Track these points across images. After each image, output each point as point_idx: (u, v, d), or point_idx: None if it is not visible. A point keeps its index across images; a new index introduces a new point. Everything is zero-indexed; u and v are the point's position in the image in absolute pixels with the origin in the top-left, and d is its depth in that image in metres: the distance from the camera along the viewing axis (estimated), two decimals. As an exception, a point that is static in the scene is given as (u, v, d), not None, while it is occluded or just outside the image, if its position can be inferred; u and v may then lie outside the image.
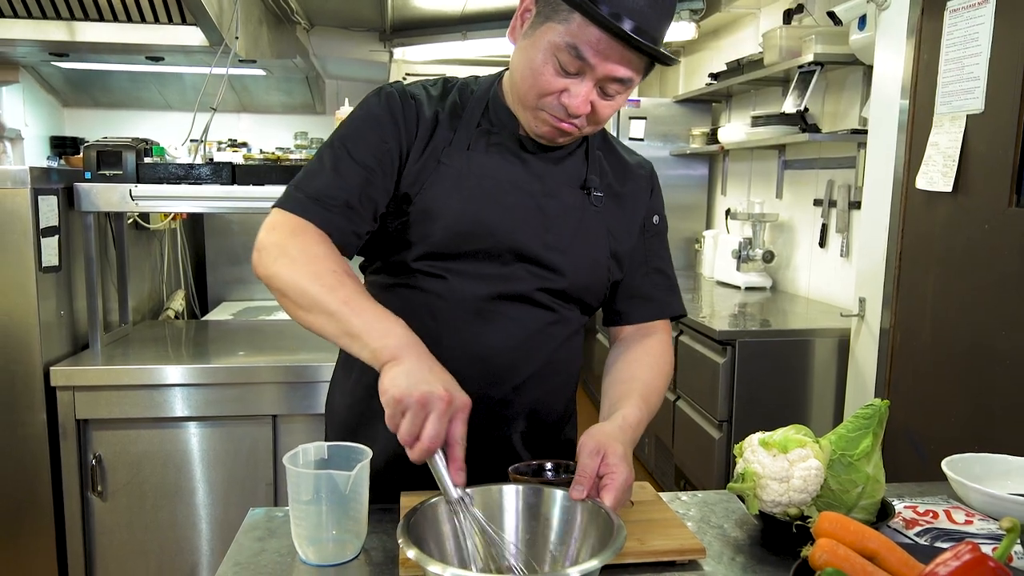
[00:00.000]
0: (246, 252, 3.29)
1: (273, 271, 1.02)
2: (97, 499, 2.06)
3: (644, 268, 1.28)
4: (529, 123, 1.10)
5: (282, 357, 2.18)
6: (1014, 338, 1.92)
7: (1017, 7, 1.90)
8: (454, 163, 1.12)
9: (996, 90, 1.96)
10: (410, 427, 0.86)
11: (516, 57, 1.09)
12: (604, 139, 1.27)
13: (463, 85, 1.19)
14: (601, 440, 0.99)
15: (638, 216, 1.26)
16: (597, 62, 1.00)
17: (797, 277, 3.61)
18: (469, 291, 1.13)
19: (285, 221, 1.06)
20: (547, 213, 1.15)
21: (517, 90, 1.09)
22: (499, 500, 0.96)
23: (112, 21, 2.69)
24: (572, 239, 1.16)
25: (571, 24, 0.99)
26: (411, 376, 0.89)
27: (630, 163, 1.27)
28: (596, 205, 1.19)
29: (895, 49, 2.35)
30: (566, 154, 1.18)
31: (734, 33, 4.36)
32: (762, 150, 3.85)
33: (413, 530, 0.85)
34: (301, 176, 1.11)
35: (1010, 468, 1.20)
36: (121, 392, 2.03)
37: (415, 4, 3.83)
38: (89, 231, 2.18)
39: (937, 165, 2.14)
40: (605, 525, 0.87)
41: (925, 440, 2.21)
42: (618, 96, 1.06)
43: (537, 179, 1.15)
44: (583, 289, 1.20)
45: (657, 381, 1.20)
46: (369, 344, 0.94)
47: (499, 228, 1.12)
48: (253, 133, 4.99)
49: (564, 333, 1.21)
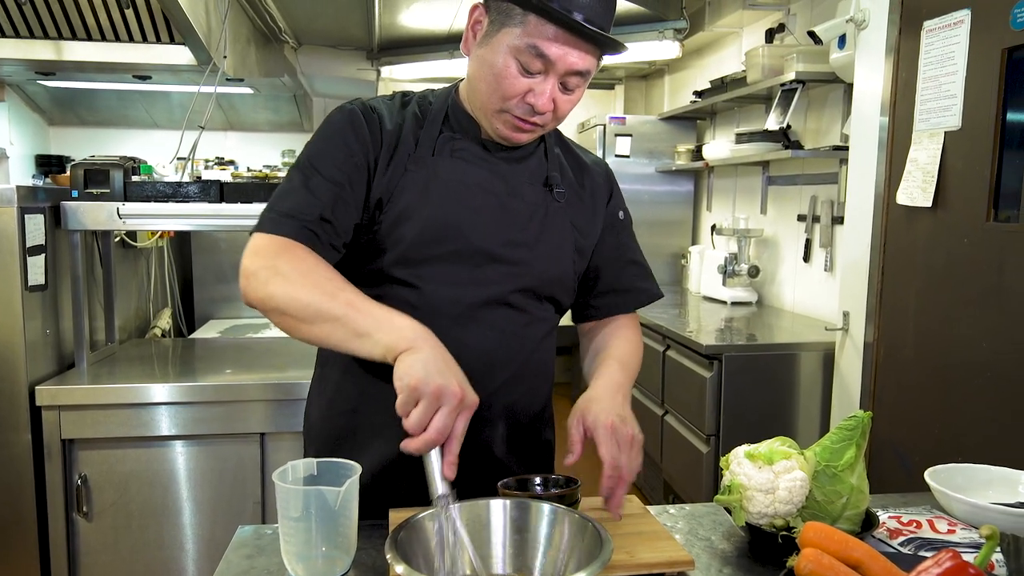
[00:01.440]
0: (233, 270, 3.30)
1: (267, 292, 1.03)
2: (82, 520, 2.04)
3: (620, 263, 1.33)
4: (493, 126, 1.14)
5: (270, 375, 2.17)
6: (994, 350, 1.95)
7: (991, 27, 1.95)
8: (420, 169, 1.15)
9: (972, 107, 2.00)
10: (421, 417, 0.88)
11: (474, 66, 1.13)
12: (560, 139, 1.32)
13: (420, 97, 1.22)
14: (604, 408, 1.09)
15: (599, 211, 1.30)
16: (557, 57, 1.05)
17: (782, 292, 3.64)
18: (443, 297, 1.15)
19: (267, 243, 1.07)
20: (512, 211, 1.18)
21: (480, 96, 1.13)
22: (486, 515, 0.96)
23: (100, 40, 2.70)
24: (538, 235, 1.20)
25: (527, 25, 1.04)
26: (428, 366, 0.90)
27: (587, 162, 1.33)
28: (559, 201, 1.23)
29: (874, 67, 2.40)
30: (527, 154, 1.23)
31: (717, 52, 4.42)
32: (746, 166, 3.90)
33: (401, 545, 0.85)
34: (274, 198, 1.13)
35: (992, 478, 1.22)
36: (107, 411, 2.02)
37: (403, 23, 3.86)
38: (76, 250, 2.18)
39: (917, 181, 2.18)
40: (592, 538, 0.88)
41: (910, 451, 2.23)
42: (577, 90, 1.12)
43: (501, 179, 1.19)
44: (552, 283, 1.23)
45: (629, 346, 1.29)
46: (382, 339, 0.95)
47: (468, 229, 1.15)
48: (240, 151, 4.99)
49: (538, 334, 1.24)
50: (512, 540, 0.94)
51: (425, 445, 0.88)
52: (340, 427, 1.23)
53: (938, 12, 2.12)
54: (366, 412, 1.21)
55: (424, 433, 0.88)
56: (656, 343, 3.24)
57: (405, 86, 5.29)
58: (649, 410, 3.34)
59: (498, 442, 1.22)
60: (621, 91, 5.68)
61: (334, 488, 0.95)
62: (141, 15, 2.60)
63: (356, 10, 3.68)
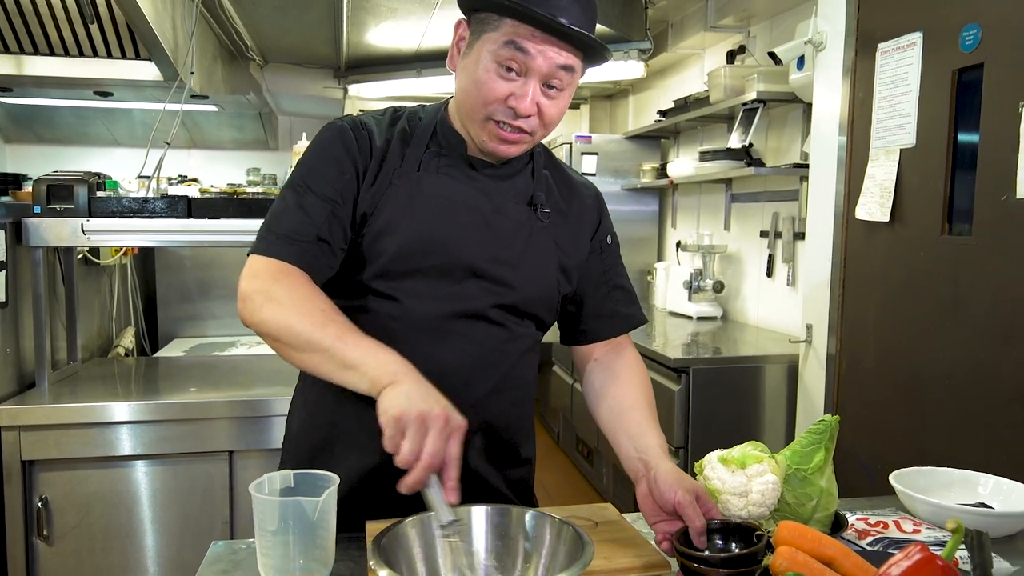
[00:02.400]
0: (199, 288, 3.26)
1: (261, 317, 1.04)
2: (43, 544, 1.98)
3: (605, 287, 1.33)
4: (480, 137, 1.14)
5: (236, 392, 2.14)
6: (951, 359, 2.01)
7: (941, 49, 2.03)
8: (405, 184, 1.16)
9: (926, 126, 2.08)
10: (412, 445, 0.88)
11: (459, 79, 1.14)
12: (551, 159, 1.32)
13: (411, 113, 1.23)
14: (687, 485, 1.04)
15: (586, 233, 1.30)
16: (536, 51, 1.06)
17: (746, 306, 3.71)
18: (422, 311, 1.15)
19: (264, 267, 1.08)
20: (496, 229, 1.19)
21: (464, 107, 1.14)
22: (467, 521, 0.97)
23: (63, 55, 2.67)
24: (522, 253, 1.20)
25: (504, 28, 1.06)
26: (410, 396, 0.91)
27: (576, 182, 1.33)
28: (543, 220, 1.23)
29: (832, 88, 2.48)
30: (513, 172, 1.23)
31: (680, 72, 4.52)
32: (710, 184, 3.98)
33: (383, 553, 0.86)
34: (269, 219, 1.13)
35: (952, 480, 1.27)
36: (69, 431, 1.97)
37: (371, 41, 3.88)
38: (38, 266, 2.13)
39: (875, 197, 2.26)
40: (573, 542, 0.89)
41: (872, 459, 2.28)
42: (562, 93, 1.12)
43: (486, 197, 1.19)
44: (535, 302, 1.23)
45: (651, 396, 1.28)
46: (368, 373, 0.97)
47: (450, 245, 1.15)
48: (203, 169, 4.95)
49: (519, 350, 1.24)
50: (494, 546, 0.95)
51: (423, 473, 0.88)
52: (319, 439, 1.23)
53: (892, 35, 2.21)
54: (344, 424, 1.21)
55: (418, 462, 0.88)
56: (624, 358, 3.26)
57: (372, 104, 5.31)
58: (618, 425, 3.35)
59: (475, 455, 1.22)
60: (586, 111, 5.77)
61: (313, 499, 0.95)
62: (106, 30, 2.58)
63: (324, 28, 3.68)
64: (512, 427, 1.27)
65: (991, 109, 1.88)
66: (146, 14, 2.35)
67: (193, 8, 2.77)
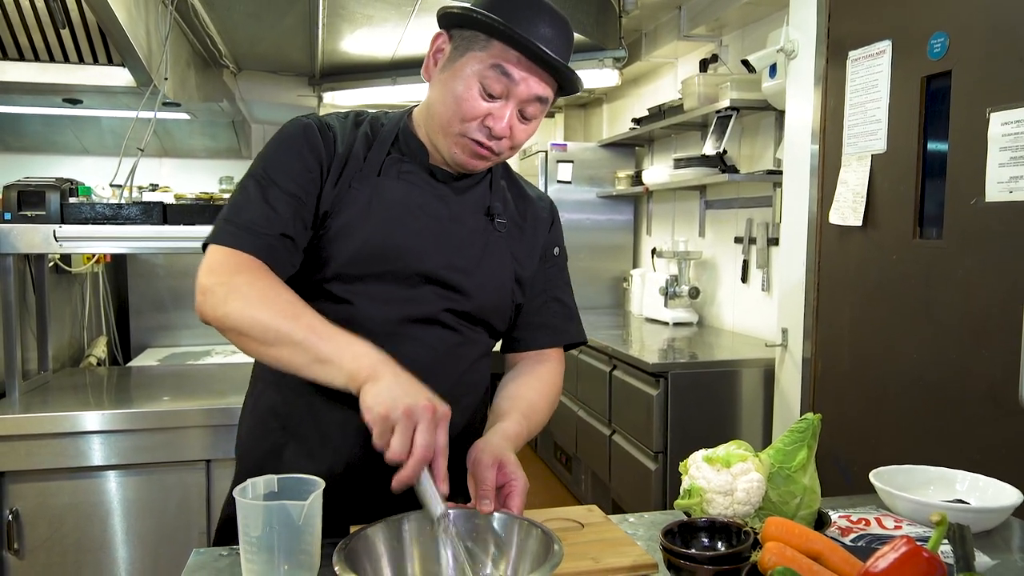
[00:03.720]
0: (172, 296, 3.21)
1: (224, 311, 1.01)
2: (13, 557, 1.93)
3: (543, 297, 1.33)
4: (451, 151, 1.15)
5: (212, 401, 2.11)
6: (924, 360, 2.05)
7: (910, 57, 2.08)
8: (364, 188, 1.15)
9: (896, 131, 2.13)
10: (403, 440, 0.87)
11: (435, 90, 1.15)
12: (507, 172, 1.33)
13: (373, 118, 1.23)
14: (494, 452, 1.03)
15: (538, 244, 1.32)
16: (521, 78, 1.08)
17: (722, 312, 3.75)
18: (377, 314, 1.15)
19: (225, 259, 1.06)
20: (453, 236, 1.19)
21: (438, 120, 1.14)
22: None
23: (33, 60, 2.62)
24: (478, 262, 1.21)
25: (492, 50, 1.08)
26: (393, 391, 0.90)
27: (531, 195, 1.34)
28: (499, 231, 1.25)
29: (804, 95, 2.52)
30: (472, 184, 1.24)
31: (654, 81, 4.57)
32: (684, 191, 4.02)
33: (350, 557, 0.86)
34: (229, 209, 1.11)
35: (930, 478, 1.29)
36: (40, 441, 1.93)
37: (345, 50, 3.86)
38: (8, 275, 2.09)
39: (847, 202, 2.29)
40: (541, 542, 0.90)
41: (849, 462, 2.31)
42: (533, 121, 1.15)
43: (444, 205, 1.20)
44: (489, 310, 1.24)
45: (541, 402, 1.25)
46: (344, 367, 0.95)
47: (406, 250, 1.15)
48: (174, 178, 4.87)
49: (472, 355, 1.25)
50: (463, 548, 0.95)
51: (417, 467, 0.88)
52: (270, 444, 1.21)
53: (861, 42, 2.25)
54: (294, 430, 1.19)
55: (412, 457, 0.87)
56: (602, 364, 3.28)
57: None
58: (596, 430, 3.37)
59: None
60: (561, 119, 5.80)
61: (298, 502, 0.94)
62: (77, 34, 2.54)
63: (299, 35, 3.66)
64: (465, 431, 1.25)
65: (960, 115, 1.93)
66: (120, 19, 2.31)
67: (167, 13, 2.74)
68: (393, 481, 0.88)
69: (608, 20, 3.60)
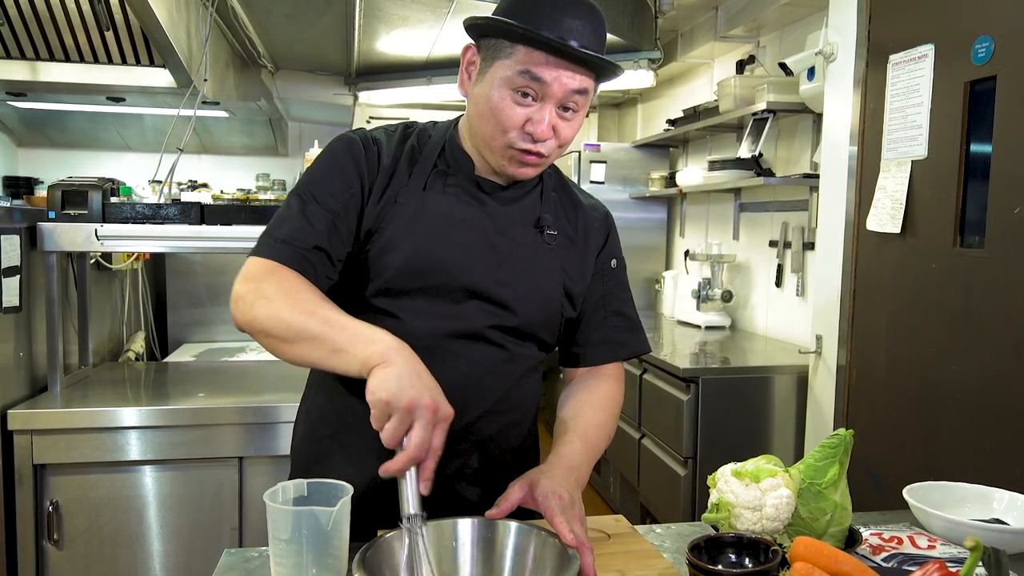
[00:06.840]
0: (209, 293, 3.27)
1: (252, 315, 1.03)
2: (53, 548, 1.98)
3: (603, 312, 1.31)
4: (499, 163, 1.14)
5: (246, 398, 2.15)
6: (962, 371, 2.00)
7: (953, 61, 2.03)
8: (410, 203, 1.15)
9: (938, 137, 2.08)
10: (395, 431, 0.88)
11: (473, 105, 1.14)
12: (560, 181, 1.30)
13: (421, 130, 1.23)
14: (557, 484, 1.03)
15: (592, 256, 1.29)
16: (552, 78, 1.05)
17: (755, 316, 3.70)
18: (421, 329, 1.14)
19: (257, 268, 1.08)
20: (499, 250, 1.18)
21: (481, 134, 1.13)
22: (454, 533, 0.98)
23: (79, 62, 2.69)
24: (524, 275, 1.19)
25: (517, 55, 1.06)
26: (401, 380, 0.90)
27: (585, 205, 1.31)
28: (549, 243, 1.22)
29: (843, 99, 2.48)
30: (522, 194, 1.22)
31: (689, 82, 4.52)
32: (719, 193, 3.98)
33: (368, 564, 0.87)
34: (271, 223, 1.14)
35: (967, 495, 1.26)
36: (80, 435, 1.98)
37: (381, 50, 3.89)
38: (52, 271, 2.14)
39: (886, 208, 2.25)
40: (558, 555, 0.90)
41: (883, 472, 2.27)
42: (577, 114, 1.12)
43: (490, 218, 1.19)
44: (536, 325, 1.22)
45: (599, 417, 1.23)
46: (357, 354, 0.95)
47: (452, 265, 1.15)
48: (213, 174, 4.97)
49: (519, 371, 1.23)
50: (480, 558, 0.95)
51: (407, 462, 0.88)
52: (319, 451, 1.23)
53: (903, 46, 2.21)
54: (343, 439, 1.21)
55: (404, 452, 0.88)
56: (633, 367, 3.26)
57: (382, 112, 5.34)
58: (626, 433, 3.35)
59: (468, 475, 1.21)
60: (595, 119, 5.77)
61: (327, 508, 0.95)
62: (121, 37, 2.60)
63: (335, 35, 3.70)
64: (510, 447, 1.25)
65: (1004, 121, 1.88)
66: (161, 22, 2.37)
67: (208, 16, 2.79)
68: (381, 467, 0.89)
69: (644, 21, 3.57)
